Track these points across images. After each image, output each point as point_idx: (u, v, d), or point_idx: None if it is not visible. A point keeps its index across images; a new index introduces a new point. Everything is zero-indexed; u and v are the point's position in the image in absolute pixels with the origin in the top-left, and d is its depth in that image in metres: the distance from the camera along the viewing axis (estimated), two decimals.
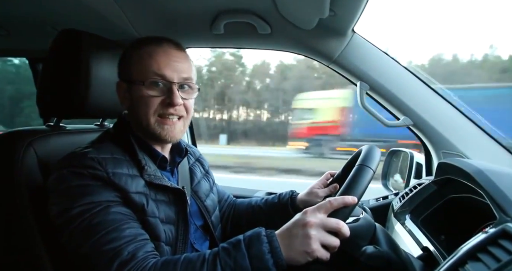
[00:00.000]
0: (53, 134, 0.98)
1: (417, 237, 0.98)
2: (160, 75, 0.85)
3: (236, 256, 0.69)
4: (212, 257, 0.71)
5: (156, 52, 0.86)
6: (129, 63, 0.89)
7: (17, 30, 1.42)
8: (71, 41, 0.95)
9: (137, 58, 0.87)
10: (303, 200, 1.13)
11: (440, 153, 1.27)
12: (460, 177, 0.93)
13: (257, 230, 0.73)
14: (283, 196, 1.17)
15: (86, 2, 1.07)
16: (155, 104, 0.86)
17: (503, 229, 0.60)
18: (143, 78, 0.85)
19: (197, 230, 1.01)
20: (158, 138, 0.89)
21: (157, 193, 0.86)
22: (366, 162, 0.81)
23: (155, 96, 0.85)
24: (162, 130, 0.87)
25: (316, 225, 0.70)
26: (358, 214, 0.88)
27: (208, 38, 1.44)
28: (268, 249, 0.69)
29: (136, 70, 0.87)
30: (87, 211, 0.74)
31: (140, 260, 0.72)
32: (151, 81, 0.85)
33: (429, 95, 1.27)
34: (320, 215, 0.72)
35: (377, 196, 1.50)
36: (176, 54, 0.89)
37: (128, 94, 0.89)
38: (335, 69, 1.38)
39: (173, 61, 0.87)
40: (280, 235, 0.72)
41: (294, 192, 1.17)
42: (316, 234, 0.69)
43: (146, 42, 0.89)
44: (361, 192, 0.76)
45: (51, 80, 0.97)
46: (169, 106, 0.86)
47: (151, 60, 0.85)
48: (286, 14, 1.18)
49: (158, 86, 0.86)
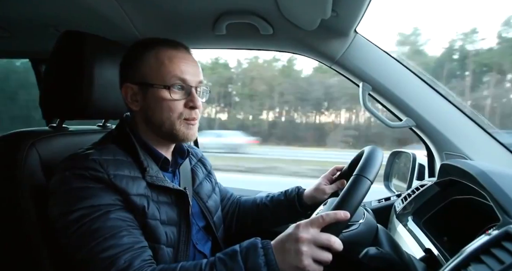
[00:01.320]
0: (56, 135, 0.98)
1: (420, 238, 0.97)
2: (182, 79, 0.87)
3: (233, 268, 0.70)
4: (208, 267, 0.72)
5: (175, 56, 0.88)
6: (144, 66, 0.88)
7: (20, 31, 1.43)
8: (74, 43, 0.96)
9: (155, 61, 0.88)
10: (310, 196, 1.13)
11: (443, 154, 1.27)
12: (462, 178, 0.92)
13: (254, 241, 0.74)
14: (290, 193, 1.17)
15: (89, 3, 1.07)
16: (179, 107, 0.88)
17: (506, 231, 0.59)
18: (165, 82, 0.86)
19: (199, 231, 1.01)
20: (183, 139, 0.91)
21: (159, 194, 0.86)
22: (364, 172, 0.79)
23: (178, 100, 0.87)
24: (188, 130, 0.90)
25: (308, 241, 0.70)
26: (358, 219, 0.88)
27: (210, 39, 1.44)
28: (264, 262, 0.70)
29: (154, 73, 0.87)
30: (86, 216, 0.75)
31: (136, 269, 0.72)
32: (175, 85, 0.87)
33: (432, 96, 1.27)
34: (313, 230, 0.72)
35: (379, 197, 1.49)
36: (191, 59, 0.92)
37: (141, 97, 0.89)
38: (338, 70, 1.38)
39: (191, 65, 0.90)
40: (274, 247, 0.72)
41: (301, 189, 1.18)
42: (308, 250, 0.69)
43: (160, 45, 0.89)
44: (356, 206, 0.75)
45: (54, 82, 0.97)
46: (192, 109, 0.89)
47: (172, 65, 0.87)
48: (288, 15, 1.18)
49: (181, 90, 0.88)
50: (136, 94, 0.90)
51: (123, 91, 0.91)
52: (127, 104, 0.92)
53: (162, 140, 0.94)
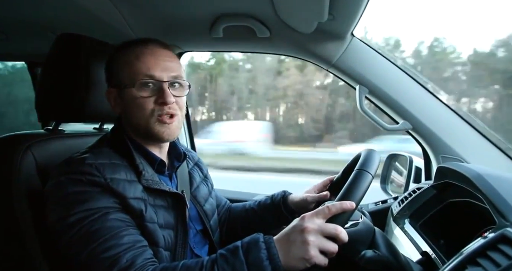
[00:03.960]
0: (52, 138, 0.97)
1: (416, 241, 0.97)
2: (149, 75, 0.85)
3: (234, 263, 0.69)
4: (210, 264, 0.71)
5: (142, 53, 0.87)
6: (117, 68, 0.89)
7: (15, 34, 1.43)
8: (70, 45, 0.96)
9: (124, 62, 0.87)
10: (294, 202, 1.11)
11: (439, 157, 1.27)
12: (459, 181, 0.92)
13: (255, 236, 0.73)
14: (275, 197, 1.16)
15: (86, 6, 1.07)
16: (149, 105, 0.86)
17: (502, 234, 0.60)
18: (132, 81, 0.85)
19: (196, 235, 1.00)
20: (158, 138, 0.89)
21: (156, 198, 0.86)
22: (365, 167, 0.80)
23: (147, 97, 0.85)
24: (162, 128, 0.87)
25: (314, 231, 0.69)
26: (357, 219, 0.88)
27: (207, 42, 1.44)
28: (266, 256, 0.69)
29: (125, 73, 0.87)
30: (85, 218, 0.74)
31: (139, 268, 0.72)
32: (141, 83, 0.85)
33: (428, 99, 1.27)
34: (318, 220, 0.71)
35: (376, 200, 1.49)
36: (163, 53, 0.89)
37: (119, 99, 0.89)
38: (334, 73, 1.38)
39: (161, 60, 0.87)
40: (278, 241, 0.71)
41: (286, 192, 1.17)
42: (314, 240, 0.69)
43: (131, 45, 0.89)
44: (360, 197, 0.76)
45: (50, 84, 0.97)
46: (163, 105, 0.86)
47: (138, 62, 0.86)
48: (285, 18, 1.19)
49: (149, 86, 0.86)
50: (116, 97, 0.90)
51: (107, 97, 0.91)
52: (112, 109, 0.92)
53: (150, 141, 0.93)
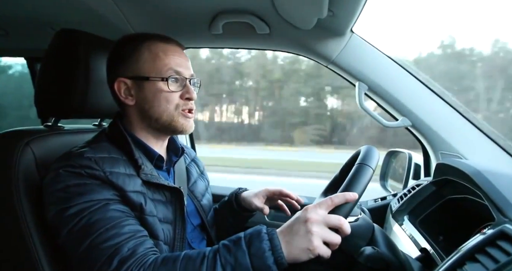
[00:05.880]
0: (51, 134, 0.97)
1: (415, 238, 0.98)
2: (177, 71, 0.89)
3: (237, 254, 0.69)
4: (212, 254, 0.71)
5: (169, 50, 0.90)
6: (137, 59, 0.89)
7: (15, 29, 1.42)
8: (69, 41, 0.95)
9: (148, 55, 0.88)
10: (243, 199, 1.13)
11: (438, 154, 1.27)
12: (458, 178, 0.93)
13: (258, 228, 0.73)
14: (231, 193, 1.18)
15: (85, 2, 1.06)
16: (176, 99, 0.89)
17: (501, 230, 0.60)
18: (161, 74, 0.87)
19: (194, 230, 1.01)
20: (181, 130, 0.92)
21: (154, 192, 0.86)
22: (366, 161, 0.81)
23: (175, 92, 0.89)
24: (186, 122, 0.91)
25: (318, 222, 0.69)
26: (356, 214, 0.88)
27: (207, 38, 1.44)
28: (269, 247, 0.68)
29: (150, 65, 0.88)
30: (85, 210, 0.74)
31: (140, 256, 0.72)
32: (171, 77, 0.88)
33: (428, 96, 1.27)
34: (321, 211, 0.71)
35: (375, 197, 1.50)
36: (183, 53, 0.95)
37: (135, 90, 0.89)
38: (334, 70, 1.38)
39: (183, 58, 0.93)
40: (281, 232, 0.71)
41: (242, 188, 1.18)
42: (318, 230, 0.69)
43: (152, 39, 0.91)
44: (362, 190, 0.76)
45: (49, 80, 0.96)
46: (188, 100, 0.91)
47: (167, 57, 0.89)
48: (285, 14, 1.18)
49: (177, 82, 0.90)
50: (130, 88, 0.89)
51: (115, 86, 0.90)
52: (120, 99, 0.91)
53: (157, 135, 0.94)
